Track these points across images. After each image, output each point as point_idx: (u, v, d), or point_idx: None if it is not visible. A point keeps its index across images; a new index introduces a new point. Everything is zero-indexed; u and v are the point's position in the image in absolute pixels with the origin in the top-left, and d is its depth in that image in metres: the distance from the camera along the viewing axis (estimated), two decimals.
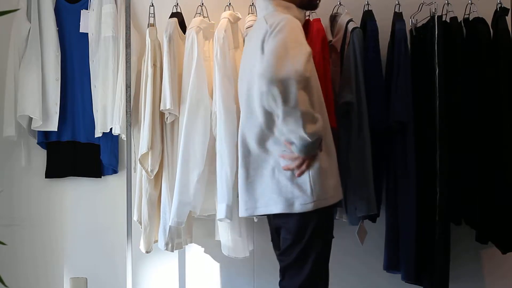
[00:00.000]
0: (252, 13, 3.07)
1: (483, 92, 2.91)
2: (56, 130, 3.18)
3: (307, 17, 3.07)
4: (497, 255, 3.06)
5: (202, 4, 3.09)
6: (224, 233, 2.97)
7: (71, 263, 3.34)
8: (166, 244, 2.97)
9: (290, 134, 2.14)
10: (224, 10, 3.05)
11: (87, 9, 3.21)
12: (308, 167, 2.21)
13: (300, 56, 2.08)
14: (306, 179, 2.23)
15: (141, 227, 3.05)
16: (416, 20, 3.09)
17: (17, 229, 3.31)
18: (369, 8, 3.03)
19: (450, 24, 2.97)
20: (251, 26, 2.92)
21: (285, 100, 2.05)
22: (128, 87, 3.09)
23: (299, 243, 2.26)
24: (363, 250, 3.17)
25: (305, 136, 2.11)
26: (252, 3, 3.09)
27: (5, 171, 3.31)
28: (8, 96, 3.15)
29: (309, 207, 2.22)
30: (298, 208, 2.23)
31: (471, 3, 3.04)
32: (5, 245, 1.76)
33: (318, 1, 2.47)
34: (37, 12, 3.18)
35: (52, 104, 3.17)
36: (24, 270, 3.31)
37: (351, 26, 2.94)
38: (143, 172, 2.99)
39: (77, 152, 3.27)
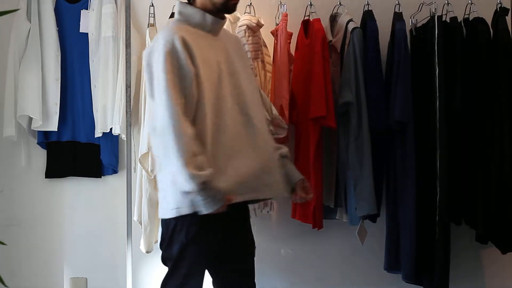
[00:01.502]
0: (248, 13, 3.06)
1: (483, 92, 2.91)
2: (56, 130, 3.18)
3: (306, 17, 3.08)
4: (497, 255, 3.06)
5: None
6: None
7: (71, 263, 3.34)
8: None
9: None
10: None
11: (87, 9, 3.21)
12: None
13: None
14: (167, 185, 2.12)
15: (141, 227, 3.05)
16: (416, 20, 3.09)
17: (17, 229, 3.31)
18: (369, 8, 3.03)
19: (450, 24, 2.97)
20: (244, 25, 2.92)
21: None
22: (128, 87, 3.09)
23: (163, 251, 2.20)
24: (364, 250, 3.16)
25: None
26: (250, 3, 3.09)
27: (5, 171, 3.31)
28: (8, 96, 3.15)
29: (169, 214, 2.12)
30: (160, 213, 2.20)
31: (471, 3, 3.04)
32: (5, 245, 1.76)
33: (233, 4, 2.21)
34: (37, 12, 3.18)
35: (52, 104, 3.17)
36: (24, 270, 3.31)
37: (351, 26, 2.95)
38: (143, 172, 3.00)
39: (77, 152, 3.27)
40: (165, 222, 2.19)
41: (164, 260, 2.20)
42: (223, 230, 2.18)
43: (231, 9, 2.21)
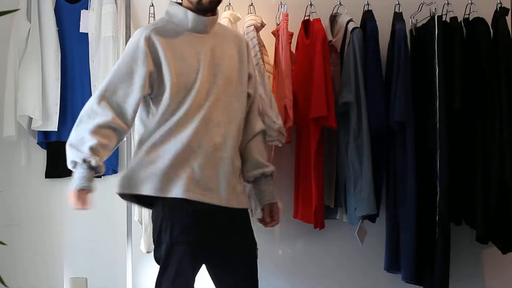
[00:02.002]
0: (251, 13, 3.07)
1: (483, 92, 2.91)
2: (56, 130, 3.18)
3: (307, 17, 3.08)
4: (497, 255, 3.06)
5: None
6: None
7: (71, 263, 3.34)
8: None
9: None
10: (224, 10, 3.04)
11: (87, 9, 3.21)
12: None
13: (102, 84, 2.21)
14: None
15: (142, 227, 3.05)
16: (416, 20, 3.09)
17: (17, 229, 3.31)
18: (369, 8, 3.03)
19: (450, 24, 2.97)
20: (251, 25, 2.92)
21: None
22: None
23: (154, 250, 2.25)
24: (363, 250, 3.16)
25: None
26: (252, 3, 3.10)
27: (5, 171, 3.31)
28: (8, 96, 3.15)
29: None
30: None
31: (471, 3, 3.04)
32: (5, 245, 1.76)
33: (207, 1, 2.18)
34: (37, 12, 3.18)
35: (52, 104, 3.17)
36: (24, 270, 3.31)
37: (351, 26, 2.95)
38: None
39: None
40: (154, 221, 2.23)
41: (157, 260, 2.22)
42: (212, 230, 2.19)
43: (206, 7, 2.21)
